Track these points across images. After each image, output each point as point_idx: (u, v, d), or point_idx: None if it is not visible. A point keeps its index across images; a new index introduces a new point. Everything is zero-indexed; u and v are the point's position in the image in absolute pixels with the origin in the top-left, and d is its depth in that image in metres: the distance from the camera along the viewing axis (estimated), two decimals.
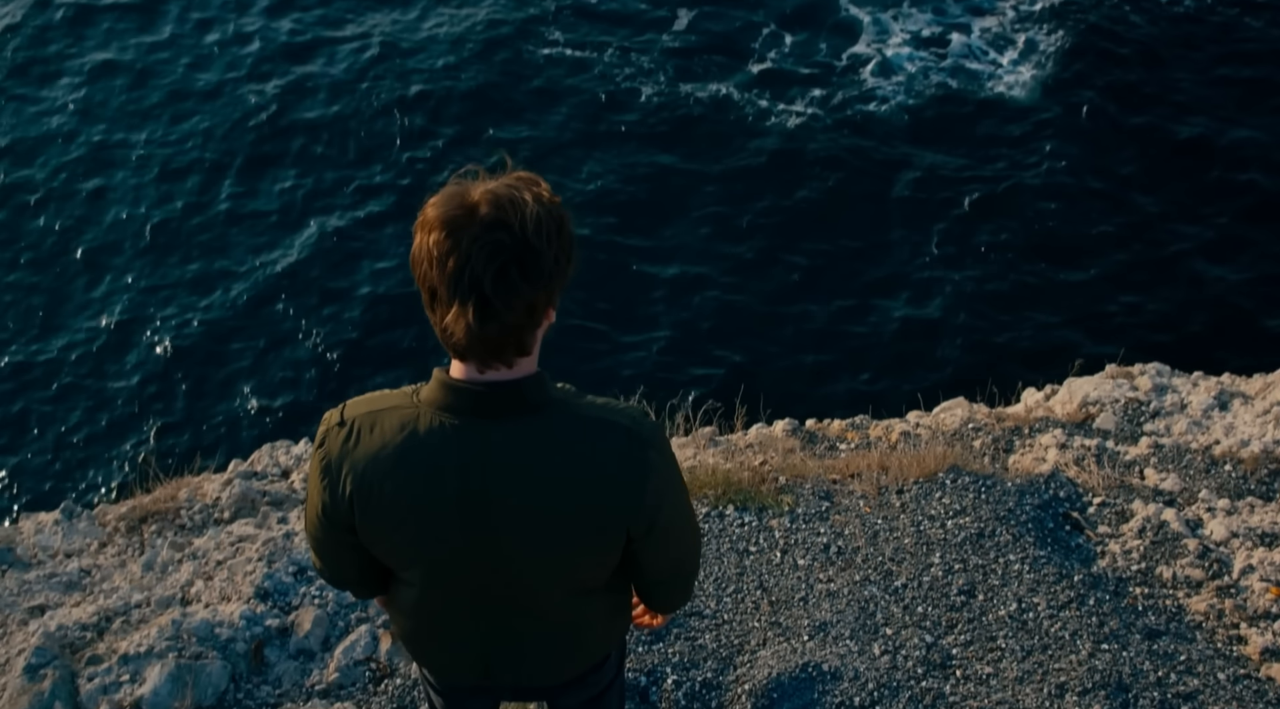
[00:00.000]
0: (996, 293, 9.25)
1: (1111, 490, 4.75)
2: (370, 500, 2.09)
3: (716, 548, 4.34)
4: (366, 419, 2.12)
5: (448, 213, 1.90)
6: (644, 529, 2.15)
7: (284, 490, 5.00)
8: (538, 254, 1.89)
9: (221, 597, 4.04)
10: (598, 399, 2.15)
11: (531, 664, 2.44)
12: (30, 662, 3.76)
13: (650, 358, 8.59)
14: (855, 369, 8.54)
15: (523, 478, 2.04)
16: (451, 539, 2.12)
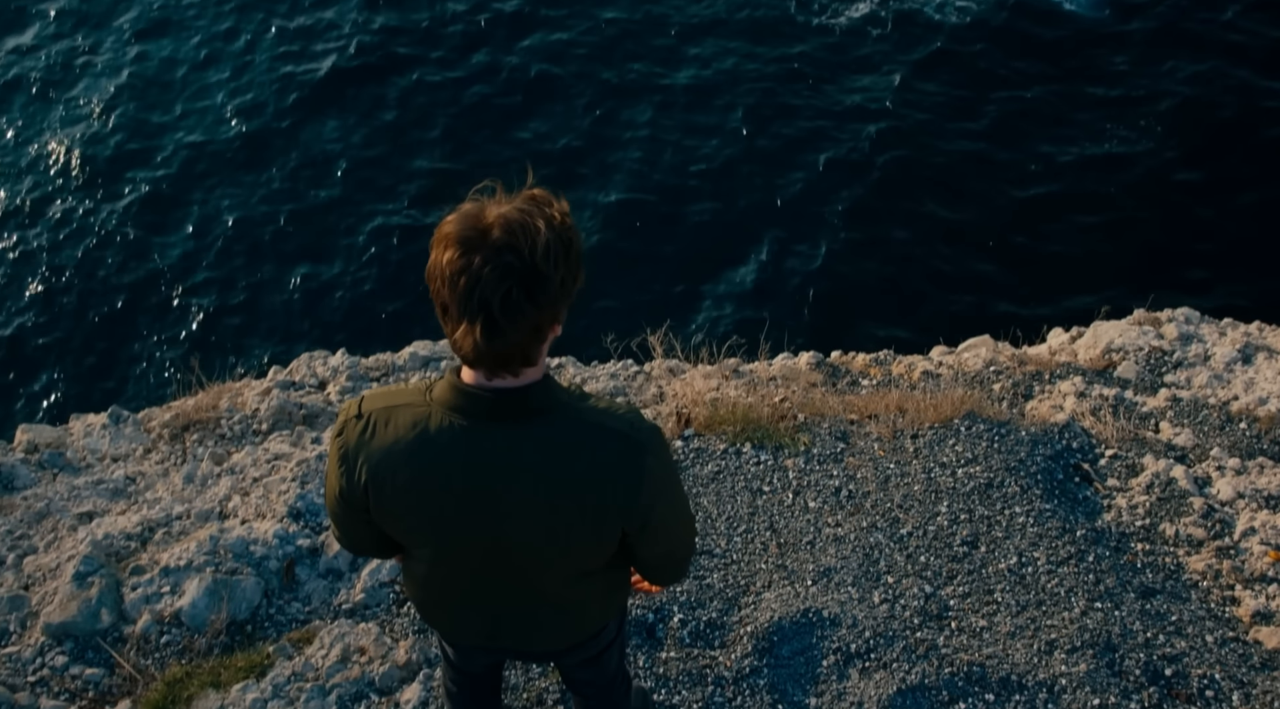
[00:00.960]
0: (1037, 226, 9.10)
1: (1125, 443, 4.84)
2: (383, 489, 2.25)
3: (731, 486, 4.49)
4: (382, 414, 2.26)
5: (462, 233, 1.99)
6: (638, 526, 2.30)
7: (320, 403, 5.19)
8: (545, 279, 1.99)
9: (257, 514, 4.25)
10: (599, 403, 2.28)
11: (533, 635, 2.62)
12: (79, 569, 4.01)
13: (676, 287, 8.63)
14: (884, 301, 8.52)
15: (525, 477, 2.19)
16: (457, 527, 2.28)
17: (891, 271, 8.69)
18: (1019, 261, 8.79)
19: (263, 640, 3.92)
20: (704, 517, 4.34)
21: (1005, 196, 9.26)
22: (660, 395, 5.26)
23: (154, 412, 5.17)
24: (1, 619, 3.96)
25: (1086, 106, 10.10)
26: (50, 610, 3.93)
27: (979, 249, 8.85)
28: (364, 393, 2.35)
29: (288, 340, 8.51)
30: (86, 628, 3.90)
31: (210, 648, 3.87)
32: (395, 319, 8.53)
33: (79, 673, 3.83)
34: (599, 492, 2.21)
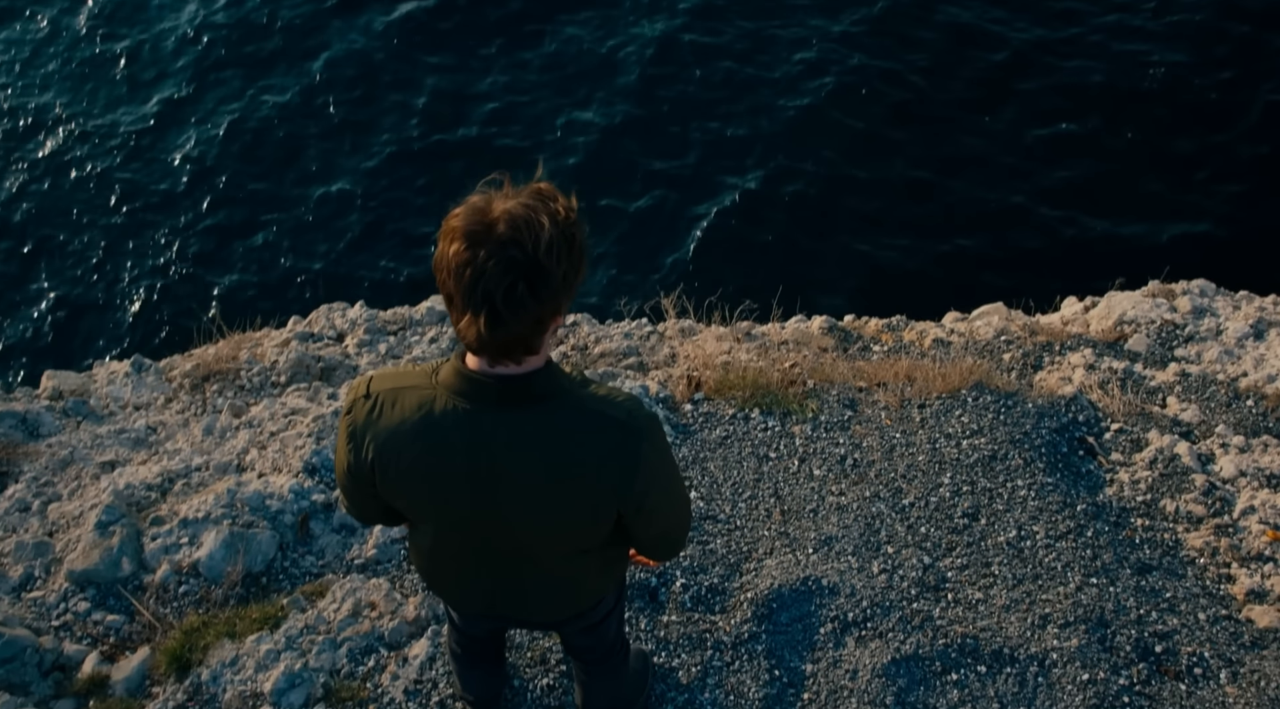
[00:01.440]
0: (1062, 189, 9.00)
1: (1131, 417, 4.88)
2: (389, 467, 2.35)
3: (738, 452, 4.57)
4: (389, 395, 2.34)
5: (468, 227, 2.06)
6: (633, 509, 2.40)
7: (337, 355, 5.28)
8: (547, 274, 2.06)
9: (273, 468, 4.36)
10: (600, 390, 2.35)
11: (531, 607, 2.74)
12: (101, 519, 4.13)
13: (691, 247, 8.64)
14: (899, 265, 8.48)
15: (524, 460, 2.27)
16: (459, 505, 2.38)
17: (908, 235, 8.64)
18: (1040, 226, 8.73)
19: (277, 593, 4.05)
20: (710, 482, 4.43)
21: (1027, 158, 9.17)
22: (672, 356, 5.32)
23: (176, 360, 5.28)
24: (27, 565, 4.09)
25: (1130, 67, 9.94)
26: (73, 558, 4.06)
27: (996, 213, 8.79)
28: (372, 373, 2.43)
29: (307, 290, 8.60)
30: (108, 576, 4.03)
31: (226, 599, 4.00)
32: (414, 273, 8.59)
33: (101, 619, 3.97)
34: (596, 476, 2.30)
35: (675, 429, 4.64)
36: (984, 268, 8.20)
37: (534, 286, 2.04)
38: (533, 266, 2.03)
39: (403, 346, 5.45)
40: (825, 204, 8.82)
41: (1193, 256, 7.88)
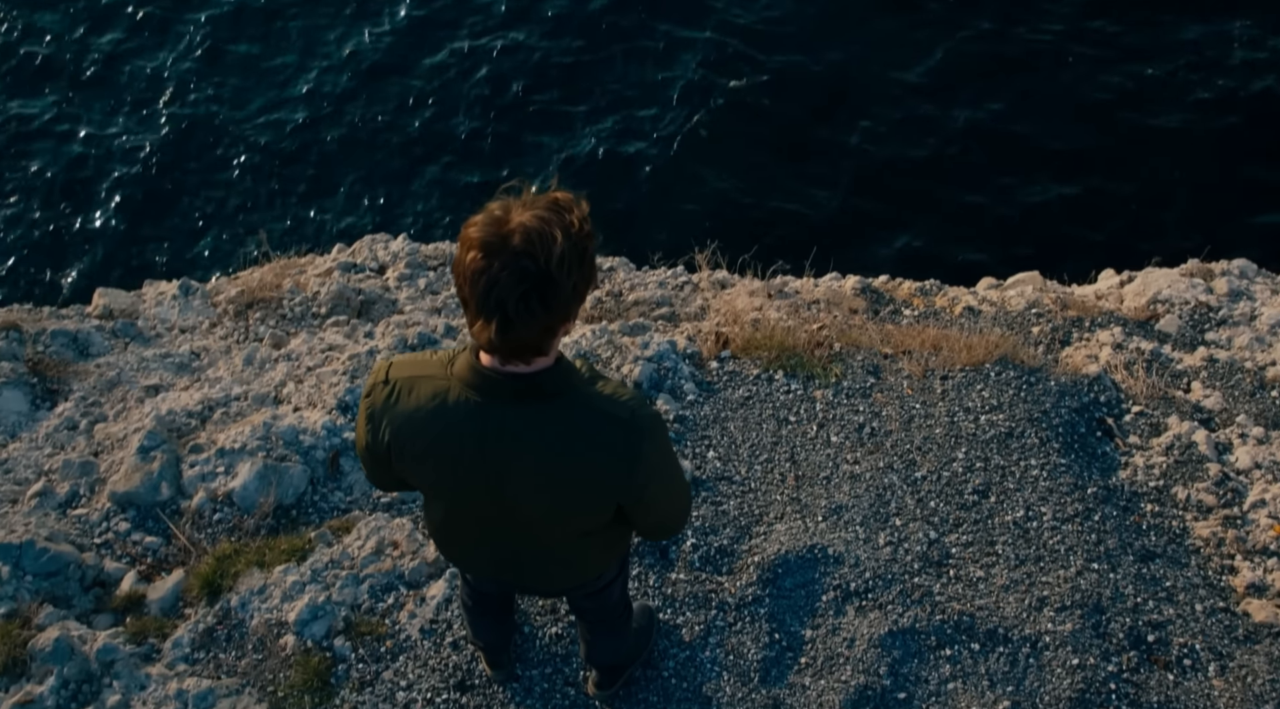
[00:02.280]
0: (1110, 158, 8.83)
1: (1153, 401, 4.92)
2: (404, 449, 2.51)
3: (759, 413, 4.67)
4: (406, 383, 2.49)
5: (484, 238, 2.17)
6: (632, 502, 2.56)
7: (377, 288, 5.42)
8: (558, 285, 2.16)
9: (308, 403, 4.53)
10: (606, 387, 2.48)
11: (536, 579, 2.93)
12: (143, 443, 4.33)
13: (734, 199, 8.61)
14: (937, 227, 8.40)
15: (530, 452, 2.42)
16: (468, 489, 2.54)
17: (952, 195, 8.57)
18: (1090, 191, 8.61)
19: (305, 526, 4.24)
20: (729, 442, 4.54)
21: (1083, 119, 9.01)
22: (704, 309, 5.41)
23: (222, 284, 5.44)
24: (73, 483, 4.31)
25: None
26: (116, 480, 4.27)
27: (1044, 173, 8.67)
28: (393, 359, 2.56)
29: (353, 218, 8.70)
30: (148, 499, 4.24)
31: (257, 528, 4.20)
32: (458, 208, 8.67)
33: (140, 540, 4.19)
34: (597, 471, 2.45)
35: (700, 387, 4.75)
36: (1026, 233, 8.14)
37: (545, 296, 2.15)
38: (544, 278, 2.13)
39: (441, 282, 5.57)
40: (876, 159, 8.75)
41: (1248, 234, 7.76)
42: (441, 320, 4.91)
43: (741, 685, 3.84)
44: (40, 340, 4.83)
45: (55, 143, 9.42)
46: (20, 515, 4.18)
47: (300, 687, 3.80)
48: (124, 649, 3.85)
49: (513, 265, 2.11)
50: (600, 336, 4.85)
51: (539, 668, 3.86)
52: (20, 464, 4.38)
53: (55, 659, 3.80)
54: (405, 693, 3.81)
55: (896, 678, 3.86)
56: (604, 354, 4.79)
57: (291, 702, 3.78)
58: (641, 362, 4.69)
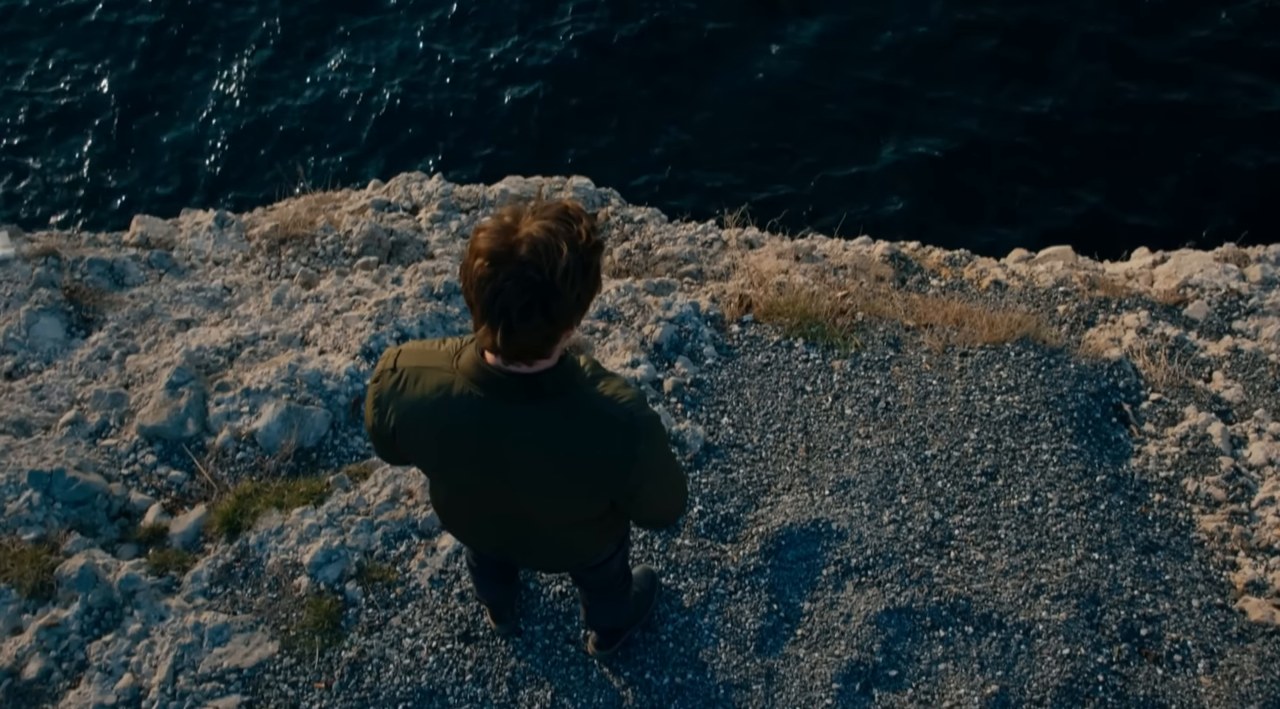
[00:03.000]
0: (1160, 135, 8.60)
1: (1172, 389, 4.91)
2: (408, 435, 2.59)
3: (776, 381, 4.71)
4: (413, 372, 2.56)
5: (493, 247, 2.21)
6: (626, 498, 2.65)
7: (409, 229, 5.46)
8: (561, 296, 2.21)
9: (334, 346, 4.61)
10: (608, 387, 2.53)
11: (535, 559, 3.01)
12: (172, 379, 4.43)
13: (771, 158, 8.50)
14: (976, 192, 8.24)
15: (530, 449, 2.49)
16: (469, 476, 2.63)
17: (986, 160, 8.42)
18: (1134, 168, 8.42)
19: (325, 470, 4.34)
20: (744, 409, 4.58)
21: (1127, 90, 8.80)
22: (732, 268, 5.41)
23: (257, 217, 5.50)
24: (104, 413, 4.42)
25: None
26: (145, 413, 4.38)
27: (1085, 144, 8.49)
28: (402, 347, 2.63)
29: (388, 154, 8.69)
30: (174, 434, 4.35)
31: (278, 469, 4.31)
32: (495, 149, 8.63)
33: (165, 473, 4.31)
34: (593, 470, 2.52)
35: (720, 351, 4.78)
36: (1065, 205, 8.00)
37: (547, 307, 2.20)
38: (548, 289, 2.18)
39: (473, 226, 5.60)
40: (920, 120, 8.60)
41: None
42: None
43: (737, 653, 3.93)
44: (78, 268, 4.92)
45: (107, 68, 9.44)
46: (52, 443, 4.30)
47: (311, 627, 3.93)
48: (145, 580, 3.99)
49: (518, 275, 2.15)
50: (625, 294, 4.88)
51: (541, 624, 3.96)
52: (54, 391, 4.50)
53: (80, 586, 3.94)
54: (411, 640, 3.93)
55: (889, 655, 3.94)
56: (627, 313, 4.83)
57: (302, 641, 3.91)
58: (664, 322, 4.72)
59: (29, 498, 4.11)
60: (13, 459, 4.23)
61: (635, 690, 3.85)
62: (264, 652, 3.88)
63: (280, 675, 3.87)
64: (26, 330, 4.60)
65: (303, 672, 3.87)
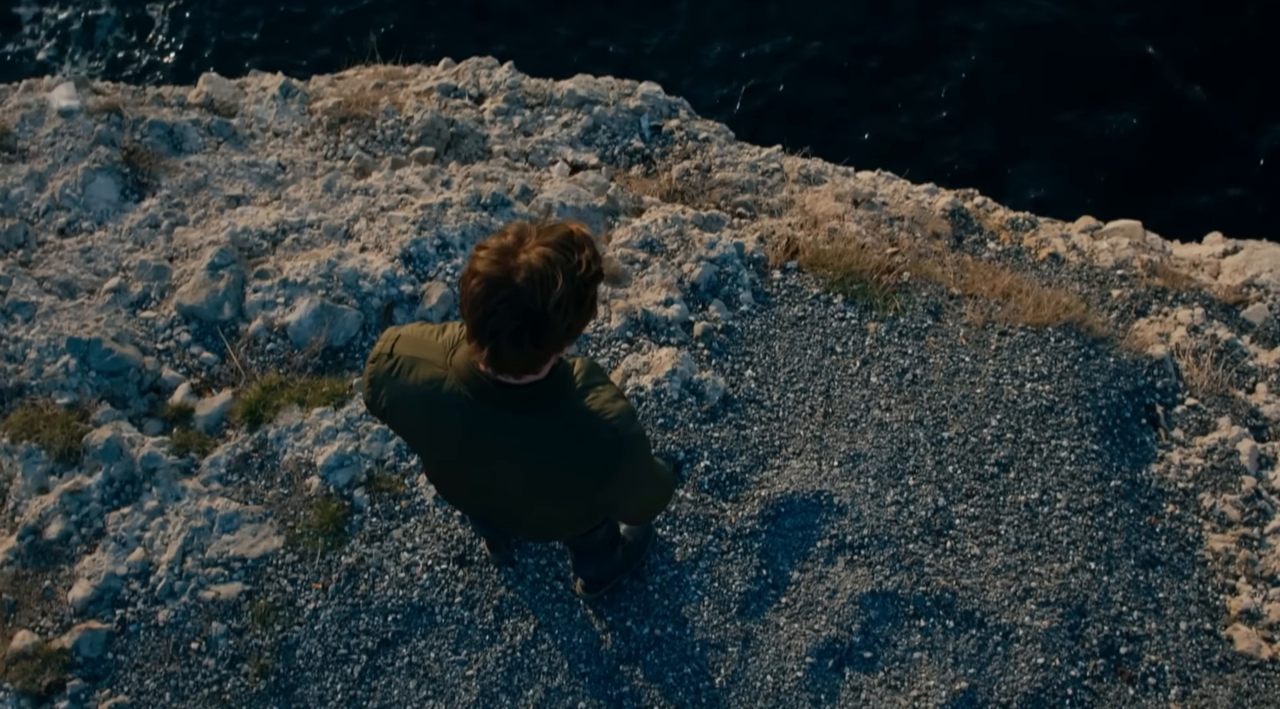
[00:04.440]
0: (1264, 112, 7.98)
1: (1210, 397, 4.72)
2: (398, 419, 2.63)
3: (807, 337, 4.59)
4: (408, 362, 2.55)
5: (490, 270, 2.16)
6: (603, 506, 2.74)
7: (470, 120, 5.31)
8: (552, 326, 2.18)
9: (375, 244, 4.55)
10: (596, 400, 2.51)
11: (523, 533, 3.10)
12: (214, 260, 4.42)
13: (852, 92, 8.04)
14: (1056, 155, 7.75)
15: (513, 455, 2.52)
16: (455, 465, 2.69)
17: (1087, 125, 7.92)
18: (1232, 145, 7.87)
19: (350, 371, 4.35)
20: (770, 363, 4.49)
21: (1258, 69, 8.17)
22: (788, 204, 5.22)
23: (322, 88, 5.38)
24: (146, 285, 4.44)
25: None
26: (184, 291, 4.39)
27: (1197, 119, 7.94)
28: (401, 333, 2.60)
29: (465, 33, 8.35)
30: (210, 316, 4.36)
31: (305, 365, 4.32)
32: (569, 40, 8.27)
33: (197, 353, 4.34)
34: (573, 481, 2.54)
35: (757, 297, 4.66)
36: (1146, 174, 7.54)
37: (537, 334, 2.18)
38: (539, 318, 2.15)
39: (535, 124, 5.44)
40: (1033, 71, 8.06)
41: None
42: (520, 179, 4.82)
43: (719, 613, 3.95)
44: (138, 129, 4.87)
45: None
46: (93, 309, 4.34)
47: (316, 528, 4.01)
48: (166, 459, 4.07)
49: (511, 301, 2.12)
50: (671, 226, 4.74)
51: (534, 557, 4.00)
52: (102, 255, 4.51)
53: (105, 457, 4.03)
54: (409, 554, 3.99)
55: (867, 637, 3.94)
56: (670, 246, 4.70)
57: (306, 541, 3.99)
58: (704, 262, 4.60)
59: (66, 363, 4.17)
60: (54, 322, 4.28)
61: (615, 636, 3.90)
62: (269, 545, 3.96)
63: (282, 571, 3.96)
64: (82, 188, 4.59)
65: (303, 570, 3.96)
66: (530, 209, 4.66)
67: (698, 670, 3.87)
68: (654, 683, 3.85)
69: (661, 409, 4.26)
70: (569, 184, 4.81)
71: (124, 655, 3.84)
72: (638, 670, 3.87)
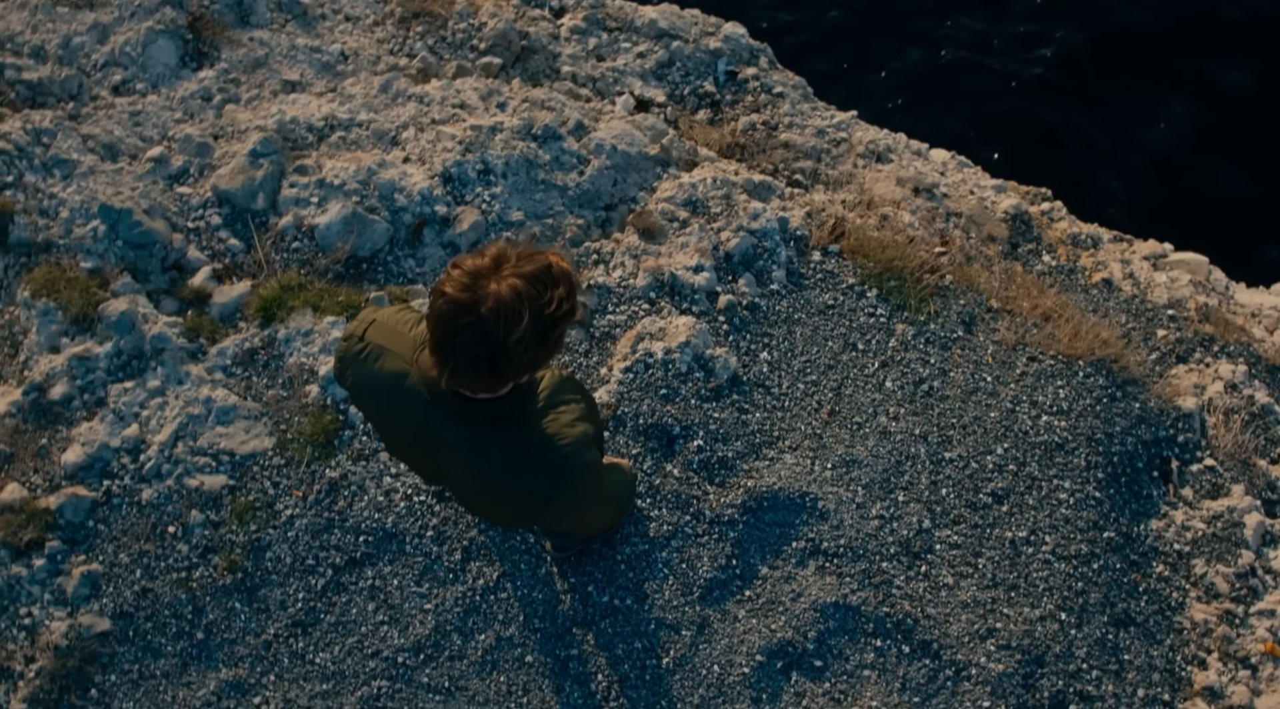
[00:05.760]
0: None
1: (1231, 460, 4.48)
2: (360, 401, 2.62)
3: (831, 328, 4.39)
4: (377, 349, 2.48)
5: (459, 294, 2.08)
6: (541, 525, 2.74)
7: (544, 35, 5.07)
8: (509, 359, 2.11)
9: (418, 158, 4.39)
10: (553, 424, 2.45)
11: (482, 517, 2.98)
12: (256, 148, 4.29)
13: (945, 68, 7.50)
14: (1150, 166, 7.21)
15: (461, 461, 2.49)
16: (410, 452, 2.63)
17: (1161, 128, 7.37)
18: None
19: (369, 284, 4.24)
20: (787, 348, 4.31)
21: None
22: (847, 179, 4.95)
23: None
24: (187, 159, 4.34)
25: None
26: (222, 173, 4.28)
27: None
28: (376, 317, 2.49)
29: None
30: (243, 203, 4.26)
31: (327, 270, 4.22)
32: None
33: (225, 238, 4.26)
34: (516, 497, 2.47)
35: (790, 278, 4.45)
36: (1249, 203, 7.03)
37: (494, 365, 2.12)
38: (498, 350, 2.08)
39: (610, 49, 5.17)
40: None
41: None
42: (576, 112, 4.59)
43: (681, 595, 3.88)
44: None
45: None
46: (131, 176, 4.25)
47: (307, 437, 3.96)
48: (176, 341, 4.02)
49: (474, 329, 2.05)
50: (719, 187, 4.51)
51: None
52: (150, 121, 4.40)
53: (118, 329, 4.00)
54: (391, 480, 3.94)
55: (821, 645, 3.85)
56: (714, 209, 4.48)
57: (295, 447, 3.95)
58: (744, 232, 4.39)
59: (95, 228, 4.10)
60: (91, 184, 4.20)
61: (574, 598, 3.85)
62: (259, 444, 3.93)
63: (267, 472, 3.94)
64: (143, 48, 4.46)
65: (287, 475, 3.93)
66: (580, 147, 4.46)
67: (647, 647, 3.81)
68: (603, 651, 3.81)
69: (667, 380, 4.11)
70: (626, 125, 4.58)
71: (104, 526, 3.86)
72: (590, 636, 3.82)
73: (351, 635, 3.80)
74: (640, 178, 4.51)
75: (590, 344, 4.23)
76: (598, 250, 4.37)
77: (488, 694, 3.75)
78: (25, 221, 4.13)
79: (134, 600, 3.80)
